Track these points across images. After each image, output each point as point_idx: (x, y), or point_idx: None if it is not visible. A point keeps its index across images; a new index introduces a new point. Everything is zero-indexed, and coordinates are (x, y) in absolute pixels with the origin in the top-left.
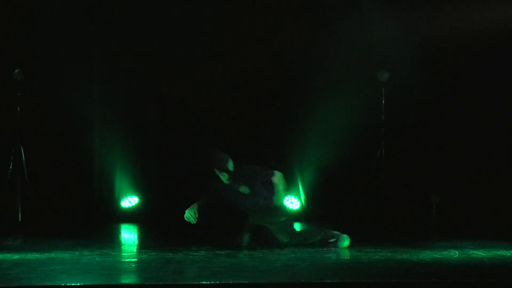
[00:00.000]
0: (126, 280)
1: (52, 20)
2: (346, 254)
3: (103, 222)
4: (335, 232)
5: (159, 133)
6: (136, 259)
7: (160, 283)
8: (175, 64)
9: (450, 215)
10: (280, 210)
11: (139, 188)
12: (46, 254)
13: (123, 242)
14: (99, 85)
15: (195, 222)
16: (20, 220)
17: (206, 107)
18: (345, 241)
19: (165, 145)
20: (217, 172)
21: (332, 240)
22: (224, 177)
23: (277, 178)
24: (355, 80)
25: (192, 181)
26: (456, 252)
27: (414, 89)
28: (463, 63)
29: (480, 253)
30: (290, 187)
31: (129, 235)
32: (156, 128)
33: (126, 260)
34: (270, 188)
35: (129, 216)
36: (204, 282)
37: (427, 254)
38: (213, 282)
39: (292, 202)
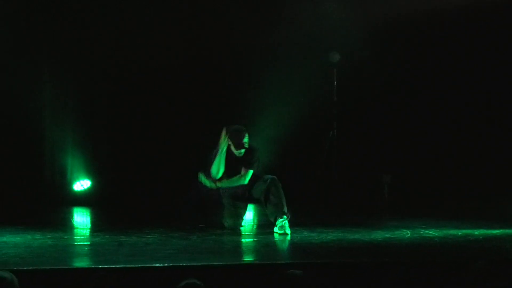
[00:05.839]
0: (78, 263)
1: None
2: (298, 235)
3: (55, 206)
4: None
5: (111, 115)
6: (88, 243)
7: (113, 266)
8: (126, 47)
9: (402, 194)
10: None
11: (92, 171)
12: None
13: (75, 226)
14: (49, 67)
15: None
16: None
17: (157, 91)
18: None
19: (117, 128)
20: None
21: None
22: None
23: None
24: (307, 62)
25: None
26: (408, 232)
27: (365, 69)
28: (415, 43)
29: (431, 233)
30: None
31: (81, 219)
32: (108, 110)
33: (78, 243)
34: None
35: (82, 200)
36: (157, 265)
37: (379, 234)
38: (166, 264)
39: None
